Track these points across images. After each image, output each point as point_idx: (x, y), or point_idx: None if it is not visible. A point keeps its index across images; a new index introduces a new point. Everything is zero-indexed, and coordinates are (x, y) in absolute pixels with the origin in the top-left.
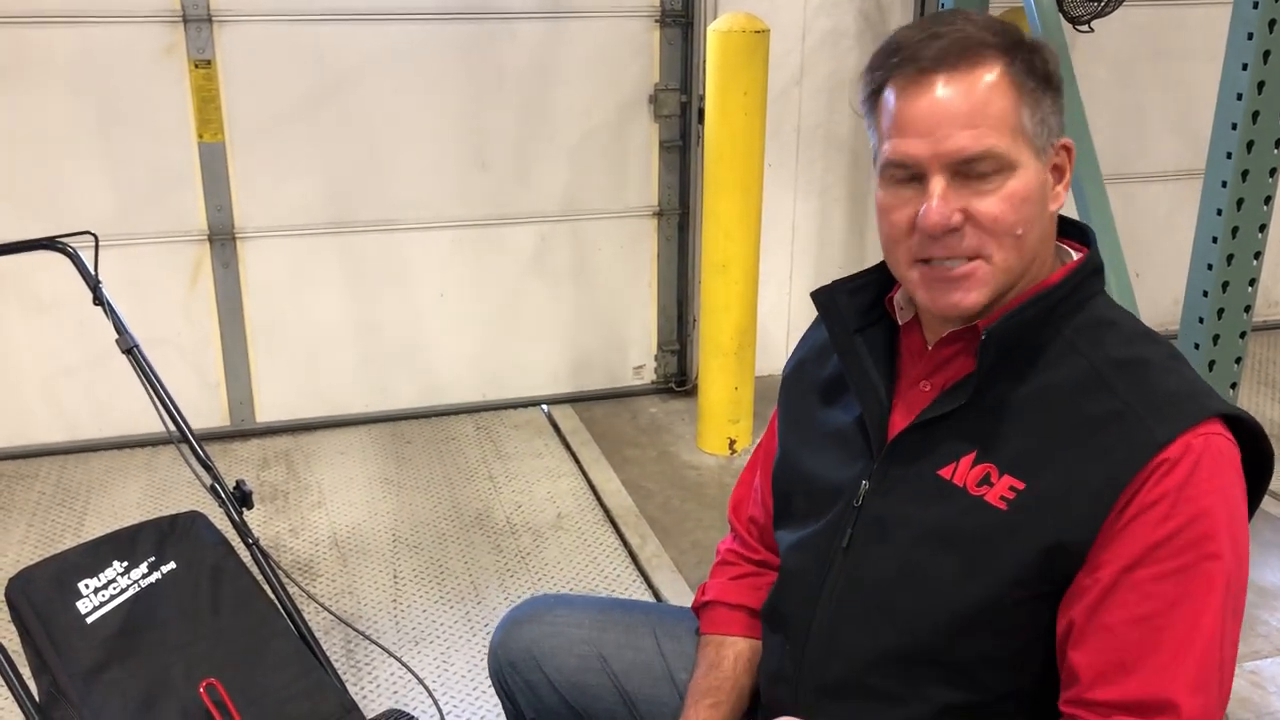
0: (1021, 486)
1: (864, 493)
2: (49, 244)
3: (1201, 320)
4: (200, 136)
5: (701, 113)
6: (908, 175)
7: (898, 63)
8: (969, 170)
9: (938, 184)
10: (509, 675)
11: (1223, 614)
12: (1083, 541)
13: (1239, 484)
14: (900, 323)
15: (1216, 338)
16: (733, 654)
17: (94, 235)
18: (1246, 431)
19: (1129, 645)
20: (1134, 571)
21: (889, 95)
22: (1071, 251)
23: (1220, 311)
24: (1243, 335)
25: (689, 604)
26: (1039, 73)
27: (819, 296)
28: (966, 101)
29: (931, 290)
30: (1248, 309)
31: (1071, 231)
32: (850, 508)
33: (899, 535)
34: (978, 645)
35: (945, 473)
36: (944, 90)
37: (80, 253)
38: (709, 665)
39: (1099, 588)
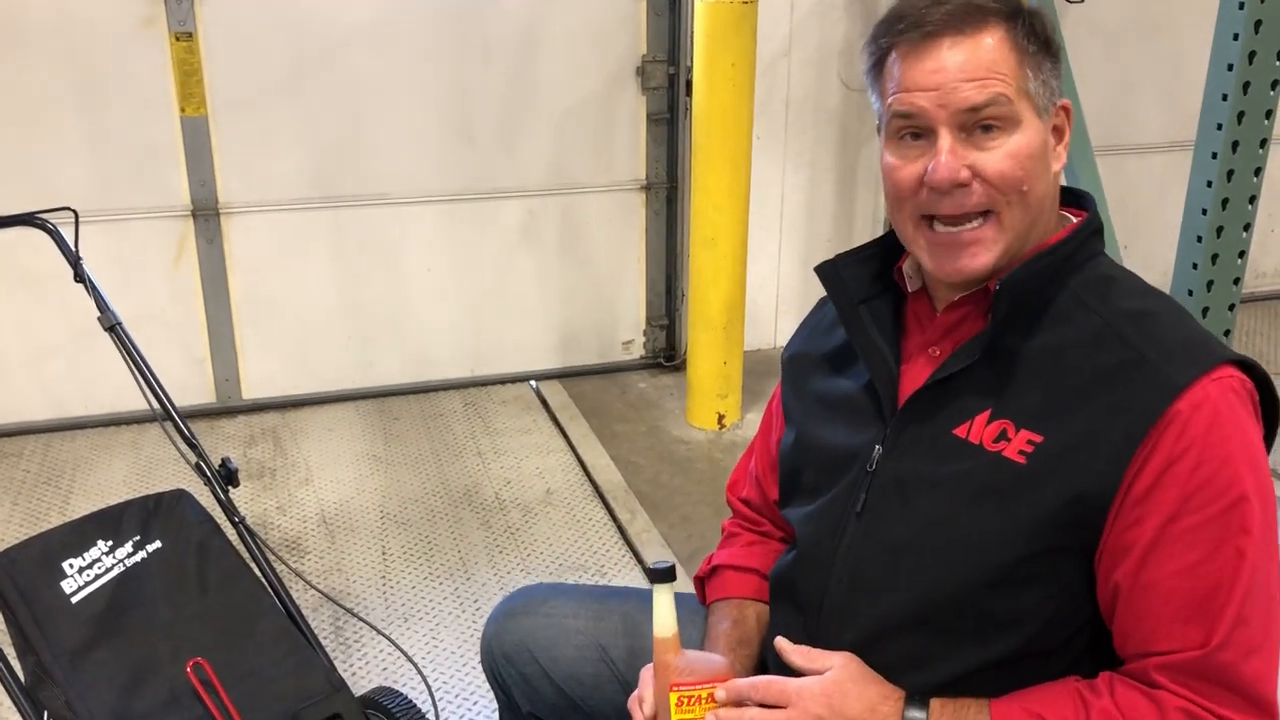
0: (1040, 439)
1: (877, 456)
2: (28, 220)
3: (1191, 293)
4: (182, 110)
5: (689, 85)
6: (913, 130)
7: (904, 29)
8: (975, 124)
9: (945, 139)
10: (503, 668)
11: (1262, 552)
12: (1105, 490)
13: (1258, 426)
14: (909, 291)
15: (1205, 310)
16: (753, 613)
17: (74, 211)
18: (1256, 376)
19: (1182, 596)
20: (1175, 523)
21: (894, 59)
22: (1071, 217)
23: (1209, 284)
24: (1231, 308)
25: (679, 577)
26: (1039, 37)
27: (823, 270)
28: (972, 60)
29: (938, 255)
30: (1237, 281)
31: (1069, 199)
32: (864, 473)
33: (916, 496)
34: (997, 604)
35: (960, 431)
36: (950, 51)
37: (61, 229)
38: (734, 621)
39: (1142, 544)
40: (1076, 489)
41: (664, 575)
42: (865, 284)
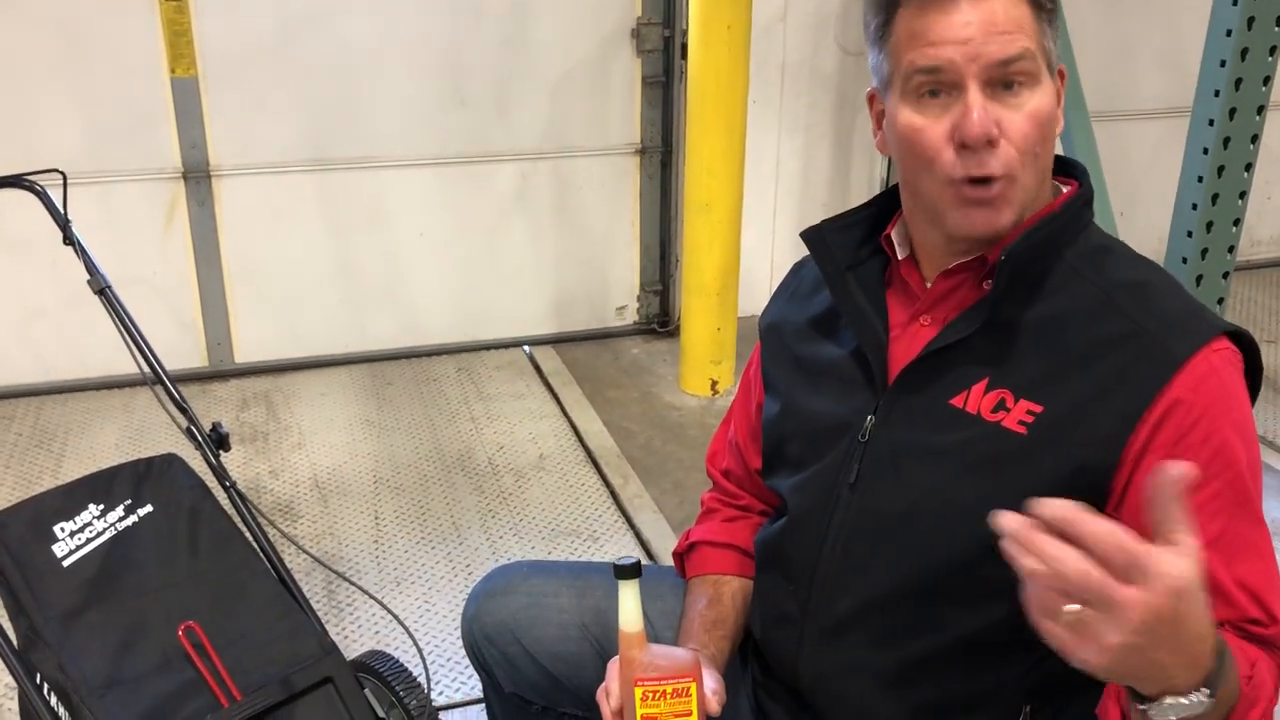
0: (1040, 410)
1: (870, 426)
2: (15, 181)
3: (1185, 260)
4: (172, 71)
5: (684, 48)
6: (934, 86)
7: None
8: (1000, 80)
9: (976, 94)
10: (485, 649)
11: (1261, 518)
12: (1107, 461)
13: (1248, 397)
14: (899, 258)
15: (1200, 278)
16: (729, 591)
17: (62, 173)
18: (1245, 346)
19: (1212, 566)
20: (1194, 496)
21: (911, 12)
22: (1061, 186)
23: (1204, 251)
24: (1226, 276)
25: (672, 544)
26: None
27: (809, 235)
28: (1000, 13)
29: (968, 211)
30: (1231, 249)
31: (1059, 168)
32: (856, 443)
33: (911, 466)
34: (993, 573)
35: (957, 401)
36: (970, 5)
37: (49, 191)
38: (710, 599)
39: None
40: (1078, 460)
41: (629, 572)
42: (852, 250)
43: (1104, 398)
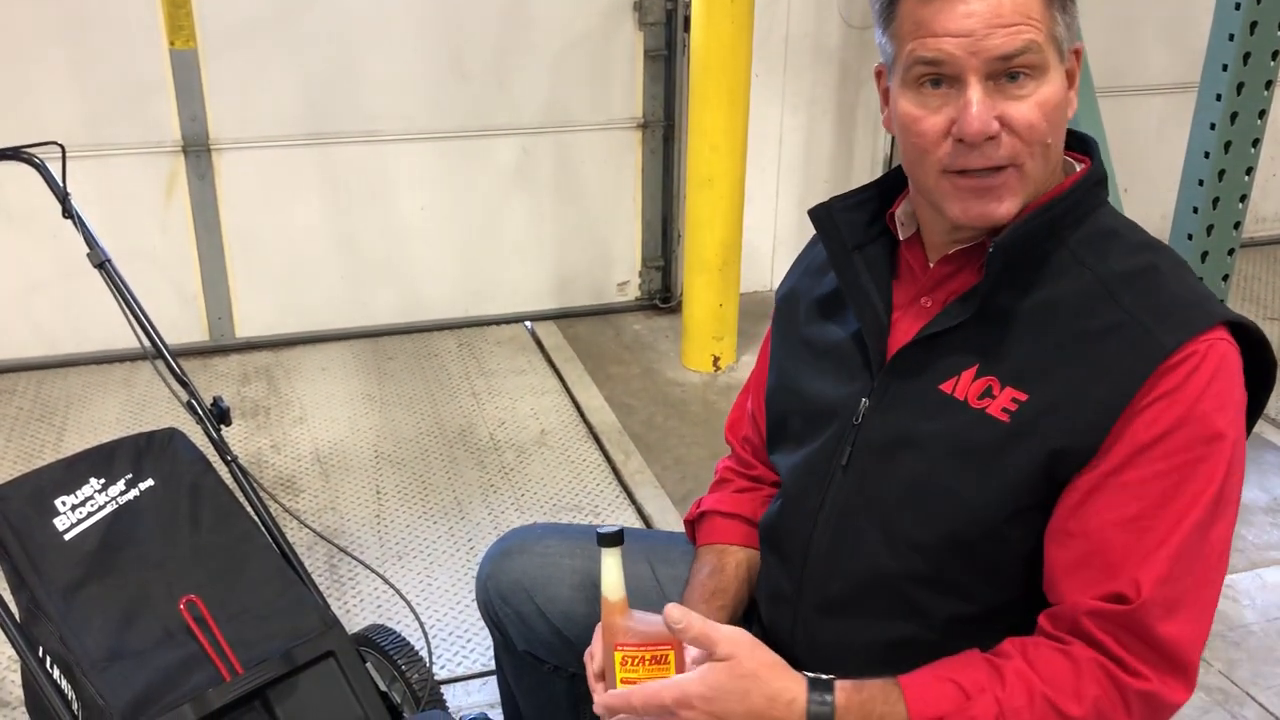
0: (1024, 398)
1: (864, 410)
2: (13, 154)
3: (1190, 237)
4: (171, 43)
5: (687, 20)
6: (935, 77)
7: None
8: (1004, 72)
9: (976, 89)
10: (499, 607)
11: (1211, 516)
12: (1086, 450)
13: (1240, 390)
14: (901, 238)
15: (1205, 255)
16: (733, 561)
17: (60, 146)
18: (1250, 339)
19: (1111, 547)
20: (1121, 474)
21: (913, 0)
22: (1074, 163)
23: (1210, 228)
24: (1231, 252)
25: (673, 520)
26: None
27: (817, 213)
28: (1002, 2)
29: (965, 200)
30: (1237, 226)
31: (1072, 143)
32: (850, 425)
33: (901, 451)
34: (977, 557)
35: (946, 387)
36: None
37: (48, 164)
38: (712, 569)
39: (1082, 490)
40: (1059, 449)
41: (611, 540)
42: (860, 229)
43: (1089, 388)
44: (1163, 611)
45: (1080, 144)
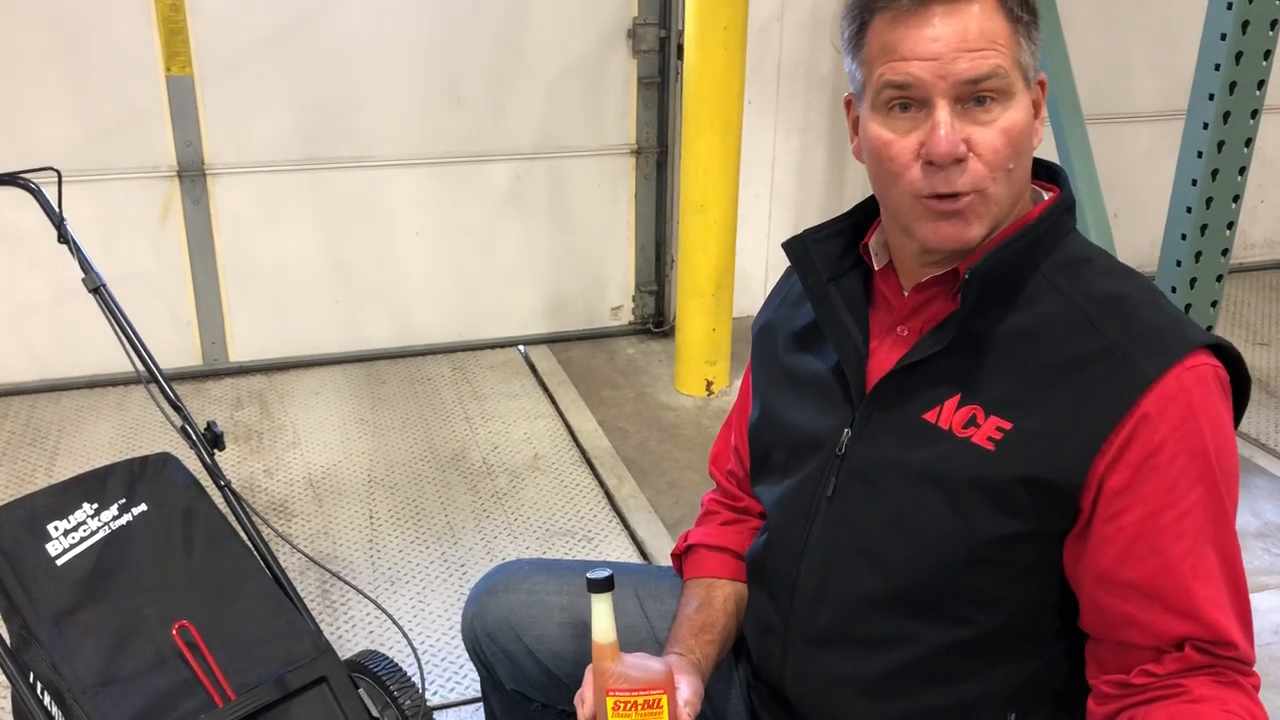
0: (1009, 427)
1: (846, 441)
2: (10, 180)
3: (1179, 263)
4: (168, 69)
5: (681, 48)
6: (904, 101)
7: None
8: (972, 96)
9: (944, 111)
10: (486, 645)
11: (1224, 520)
12: (1074, 480)
13: (1229, 411)
14: (876, 268)
15: (1194, 281)
16: (721, 595)
17: (57, 171)
18: (1227, 359)
19: (1166, 588)
20: (1159, 516)
21: (883, 25)
22: (1043, 192)
23: (1198, 255)
24: (1219, 279)
25: (666, 544)
26: (1029, 5)
27: (791, 246)
28: (968, 28)
29: (936, 222)
30: (1225, 252)
31: (1041, 172)
32: (833, 456)
33: (886, 481)
34: (967, 585)
35: (930, 416)
36: (943, 19)
37: (43, 189)
38: (700, 603)
39: (1125, 536)
40: (1045, 477)
41: (601, 585)
42: (834, 261)
43: (1072, 416)
44: (1238, 626)
45: (1048, 173)
